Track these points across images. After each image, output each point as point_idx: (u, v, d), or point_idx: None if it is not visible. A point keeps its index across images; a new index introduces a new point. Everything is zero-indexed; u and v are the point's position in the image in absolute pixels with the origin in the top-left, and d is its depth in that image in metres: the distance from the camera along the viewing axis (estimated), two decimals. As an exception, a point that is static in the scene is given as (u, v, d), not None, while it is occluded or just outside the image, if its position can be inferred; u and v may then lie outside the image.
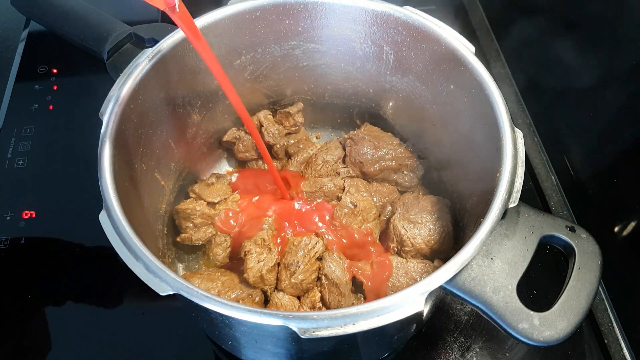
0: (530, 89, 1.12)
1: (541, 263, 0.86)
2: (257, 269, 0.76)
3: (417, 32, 0.78)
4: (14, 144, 1.04)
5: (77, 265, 0.89)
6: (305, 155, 0.94)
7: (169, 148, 0.83)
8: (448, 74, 0.77)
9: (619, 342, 0.83)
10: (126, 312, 0.85)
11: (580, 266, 0.60)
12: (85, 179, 0.98)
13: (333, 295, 0.76)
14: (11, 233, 0.92)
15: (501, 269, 0.58)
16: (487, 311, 0.56)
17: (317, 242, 0.79)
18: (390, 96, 0.92)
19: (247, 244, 0.79)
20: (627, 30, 0.79)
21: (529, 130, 1.09)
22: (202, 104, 0.87)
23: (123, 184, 0.67)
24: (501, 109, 0.67)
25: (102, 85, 0.72)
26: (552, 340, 0.55)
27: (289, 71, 0.92)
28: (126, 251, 0.58)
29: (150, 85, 0.73)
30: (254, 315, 0.53)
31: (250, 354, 0.75)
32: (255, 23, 0.81)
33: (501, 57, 1.20)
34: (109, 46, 0.79)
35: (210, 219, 0.85)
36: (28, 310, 0.85)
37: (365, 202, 0.85)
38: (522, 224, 0.61)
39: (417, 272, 0.77)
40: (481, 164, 0.71)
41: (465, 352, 0.82)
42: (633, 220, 0.80)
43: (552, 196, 1.00)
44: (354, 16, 0.81)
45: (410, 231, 0.80)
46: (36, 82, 1.13)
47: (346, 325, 0.52)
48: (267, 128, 0.93)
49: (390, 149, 0.91)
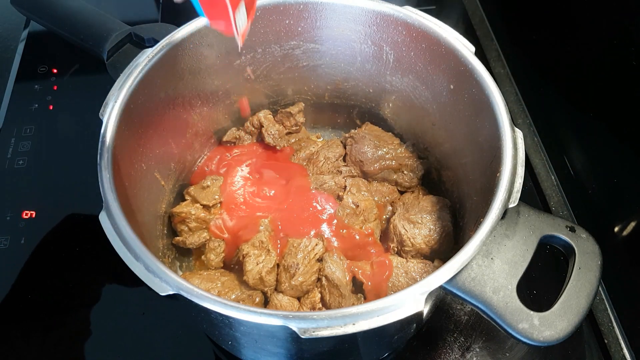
0: (530, 89, 1.12)
1: (541, 263, 0.86)
2: (257, 271, 0.76)
3: (417, 32, 0.78)
4: (14, 144, 1.03)
5: (77, 265, 0.89)
6: (308, 152, 0.94)
7: (169, 148, 0.83)
8: (448, 74, 0.77)
9: (619, 342, 0.83)
10: (126, 312, 0.85)
11: (580, 266, 0.60)
12: (85, 179, 0.97)
13: (333, 296, 0.76)
14: (11, 233, 0.92)
15: (501, 269, 0.58)
16: (487, 311, 0.56)
17: (316, 244, 0.79)
18: (390, 96, 0.92)
19: (244, 247, 0.79)
20: (626, 30, 0.79)
21: (529, 130, 1.09)
22: (202, 104, 0.87)
23: (123, 184, 0.67)
24: (501, 109, 0.67)
25: (102, 85, 0.72)
26: (552, 340, 0.55)
27: (289, 71, 0.92)
28: (126, 251, 0.58)
29: (150, 86, 0.73)
30: (253, 315, 0.53)
31: (250, 354, 0.75)
32: (255, 23, 0.81)
33: (501, 57, 1.21)
34: (109, 46, 0.79)
35: (205, 224, 0.85)
36: (28, 311, 0.85)
37: (367, 202, 0.85)
38: (522, 224, 0.61)
39: (417, 272, 0.77)
40: (481, 164, 0.71)
41: (465, 352, 0.82)
42: (633, 220, 0.80)
43: (552, 196, 1.00)
44: (354, 16, 0.81)
45: (410, 231, 0.80)
46: (36, 82, 1.13)
47: (346, 325, 0.52)
48: (268, 129, 0.93)
49: (390, 149, 0.91)
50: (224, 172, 0.91)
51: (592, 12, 0.88)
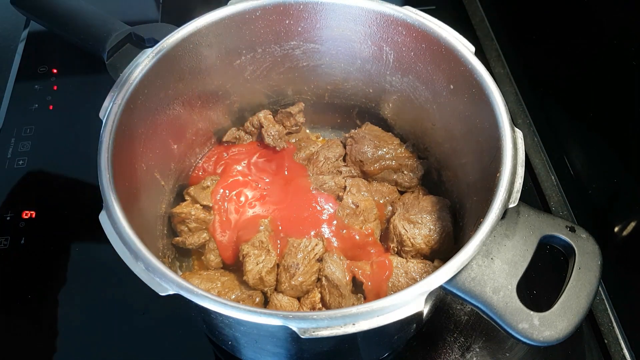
0: (530, 89, 1.12)
1: (541, 263, 0.86)
2: (257, 271, 0.76)
3: (417, 32, 0.78)
4: (14, 144, 1.04)
5: (77, 265, 0.89)
6: (308, 152, 0.94)
7: (169, 148, 0.83)
8: (448, 74, 0.77)
9: (619, 342, 0.83)
10: (126, 312, 0.85)
11: (580, 266, 0.60)
12: (85, 179, 0.98)
13: (333, 296, 0.76)
14: (11, 233, 0.92)
15: (501, 269, 0.58)
16: (487, 311, 0.56)
17: (316, 244, 0.79)
18: (390, 96, 0.92)
19: (244, 247, 0.79)
20: (626, 30, 0.79)
21: (529, 130, 1.09)
22: (202, 104, 0.87)
23: (123, 184, 0.66)
24: (501, 109, 0.67)
25: (102, 85, 0.72)
26: (552, 340, 0.55)
27: (289, 71, 0.92)
28: (126, 251, 0.58)
29: (150, 85, 0.73)
30: (253, 315, 0.53)
31: (250, 354, 0.75)
32: (255, 23, 0.81)
33: (501, 57, 1.21)
34: (109, 46, 0.79)
35: (205, 224, 0.85)
36: (28, 311, 0.85)
37: (367, 202, 0.85)
38: (522, 224, 0.61)
39: (417, 272, 0.77)
40: (481, 164, 0.71)
41: (465, 352, 0.82)
42: (633, 220, 0.80)
43: (552, 196, 1.00)
44: (354, 16, 0.81)
45: (410, 231, 0.80)
46: (36, 82, 1.13)
47: (346, 325, 0.52)
48: (267, 130, 0.93)
49: (390, 149, 0.91)
50: (222, 171, 0.91)
51: (592, 12, 0.87)
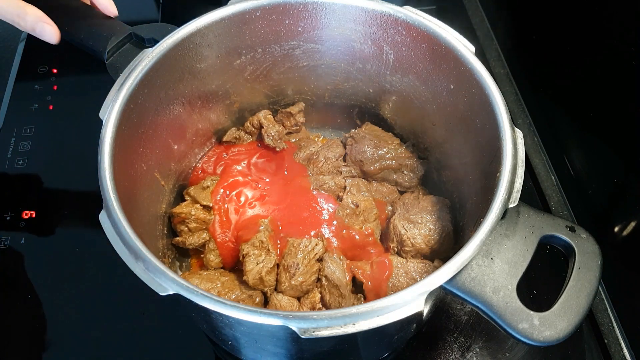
0: (530, 89, 1.12)
1: (541, 263, 0.86)
2: (257, 271, 0.76)
3: (417, 32, 0.77)
4: (14, 144, 1.04)
5: (77, 265, 0.89)
6: (308, 152, 0.94)
7: (169, 148, 0.83)
8: (448, 74, 0.77)
9: (619, 342, 0.83)
10: (126, 312, 0.85)
11: (580, 266, 0.59)
12: (85, 179, 0.98)
13: (333, 296, 0.76)
14: (11, 233, 0.92)
15: (501, 269, 0.58)
16: (487, 311, 0.56)
17: (316, 244, 0.79)
18: (390, 96, 0.92)
19: (244, 247, 0.79)
20: (626, 31, 0.79)
21: (529, 130, 1.09)
22: (202, 104, 0.87)
23: (123, 184, 0.66)
24: (501, 109, 0.67)
25: (102, 85, 0.72)
26: (552, 340, 0.55)
27: (289, 71, 0.92)
28: (126, 251, 0.58)
29: (150, 85, 0.73)
30: (253, 315, 0.53)
31: (250, 354, 0.75)
32: (255, 23, 0.81)
33: (501, 57, 1.21)
34: (109, 46, 0.79)
35: (205, 224, 0.85)
36: (28, 311, 0.85)
37: (367, 202, 0.85)
38: (522, 224, 0.61)
39: (417, 272, 0.77)
40: (481, 164, 0.71)
41: (465, 352, 0.82)
42: (633, 220, 0.80)
43: (552, 196, 1.00)
44: (354, 16, 0.81)
45: (410, 231, 0.80)
46: (36, 82, 1.13)
47: (346, 325, 0.52)
48: (267, 130, 0.93)
49: (390, 149, 0.91)
50: (221, 171, 0.91)
51: (592, 12, 0.88)
